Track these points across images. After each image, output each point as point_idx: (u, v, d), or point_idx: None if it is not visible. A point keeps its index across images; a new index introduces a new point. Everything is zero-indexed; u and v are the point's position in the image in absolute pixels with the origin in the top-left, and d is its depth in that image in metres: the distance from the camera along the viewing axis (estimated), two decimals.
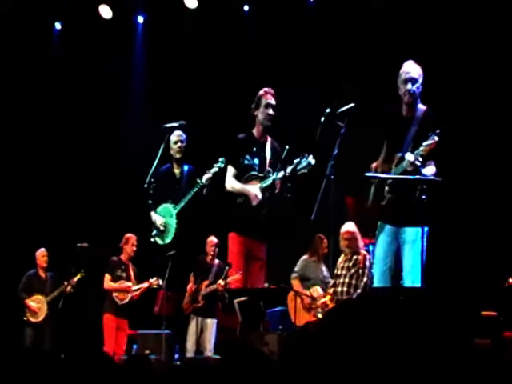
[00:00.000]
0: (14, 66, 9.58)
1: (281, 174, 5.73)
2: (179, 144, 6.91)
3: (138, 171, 9.21)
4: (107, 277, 7.85)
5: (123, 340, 7.85)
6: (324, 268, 7.23)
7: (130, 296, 7.82)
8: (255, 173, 5.92)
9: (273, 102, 5.97)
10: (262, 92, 6.04)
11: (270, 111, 5.95)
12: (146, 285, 7.85)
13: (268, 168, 5.94)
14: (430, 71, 5.13)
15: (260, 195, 5.76)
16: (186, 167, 6.94)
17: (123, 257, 7.93)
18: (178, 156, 6.93)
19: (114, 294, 7.80)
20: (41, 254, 8.38)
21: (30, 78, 9.68)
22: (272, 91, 6.04)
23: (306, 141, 5.54)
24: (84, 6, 9.55)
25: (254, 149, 6.00)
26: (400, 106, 5.05)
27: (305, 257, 7.40)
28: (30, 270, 8.37)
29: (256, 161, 5.98)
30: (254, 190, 5.80)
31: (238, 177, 5.95)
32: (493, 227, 7.41)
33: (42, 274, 8.38)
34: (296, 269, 7.37)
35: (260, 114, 5.97)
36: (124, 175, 9.23)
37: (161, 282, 7.83)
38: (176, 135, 6.94)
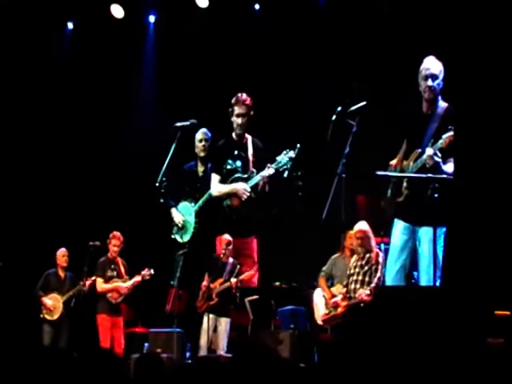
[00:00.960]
0: (26, 65, 9.63)
1: (264, 172, 5.82)
2: (204, 142, 6.93)
3: (150, 170, 9.26)
4: (99, 280, 7.88)
5: (120, 337, 7.85)
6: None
7: (123, 295, 7.83)
8: (239, 175, 6.02)
9: (242, 111, 6.07)
10: (233, 100, 6.13)
11: (239, 121, 6.07)
12: (138, 278, 7.85)
13: (252, 168, 6.02)
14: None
15: (248, 188, 5.86)
16: (210, 166, 6.94)
17: (110, 255, 7.95)
18: (202, 154, 6.95)
19: (108, 295, 7.82)
20: (61, 253, 8.45)
21: (41, 77, 9.72)
22: (243, 97, 6.11)
23: (317, 139, 5.53)
24: (96, 5, 9.58)
25: (235, 152, 6.11)
26: (420, 103, 5.01)
27: (336, 255, 7.29)
28: (50, 269, 8.45)
29: (238, 163, 6.10)
30: (241, 185, 5.91)
31: (224, 181, 6.07)
32: (508, 227, 7.35)
33: (61, 273, 8.44)
34: (324, 268, 7.29)
35: (233, 122, 6.10)
36: (137, 173, 9.27)
37: (153, 272, 7.83)
38: (201, 133, 6.96)
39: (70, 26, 10.05)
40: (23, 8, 9.40)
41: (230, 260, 7.36)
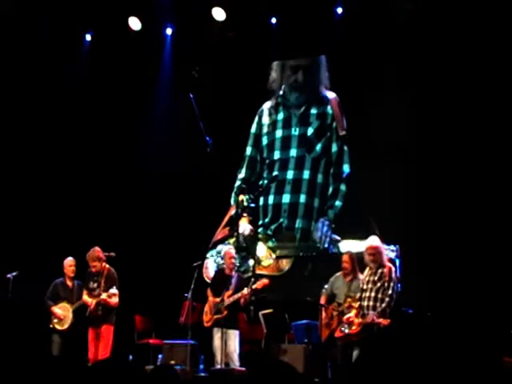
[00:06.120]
0: (45, 76, 9.72)
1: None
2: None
3: (164, 181, 9.29)
4: (84, 291, 7.91)
5: (105, 348, 7.61)
6: (353, 283, 6.96)
7: (90, 307, 7.76)
8: None
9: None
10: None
11: None
12: (103, 296, 7.68)
13: None
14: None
15: None
16: None
17: (93, 269, 7.91)
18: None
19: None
20: (68, 263, 8.30)
21: (59, 89, 9.81)
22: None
23: None
24: (114, 17, 9.67)
25: None
26: None
27: (337, 274, 7.23)
28: (58, 279, 8.35)
29: None
30: None
31: None
32: None
33: (68, 282, 8.27)
34: (325, 286, 7.25)
35: None
36: (150, 185, 9.31)
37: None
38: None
39: (88, 37, 10.15)
40: (42, 20, 9.51)
41: (235, 273, 7.36)
